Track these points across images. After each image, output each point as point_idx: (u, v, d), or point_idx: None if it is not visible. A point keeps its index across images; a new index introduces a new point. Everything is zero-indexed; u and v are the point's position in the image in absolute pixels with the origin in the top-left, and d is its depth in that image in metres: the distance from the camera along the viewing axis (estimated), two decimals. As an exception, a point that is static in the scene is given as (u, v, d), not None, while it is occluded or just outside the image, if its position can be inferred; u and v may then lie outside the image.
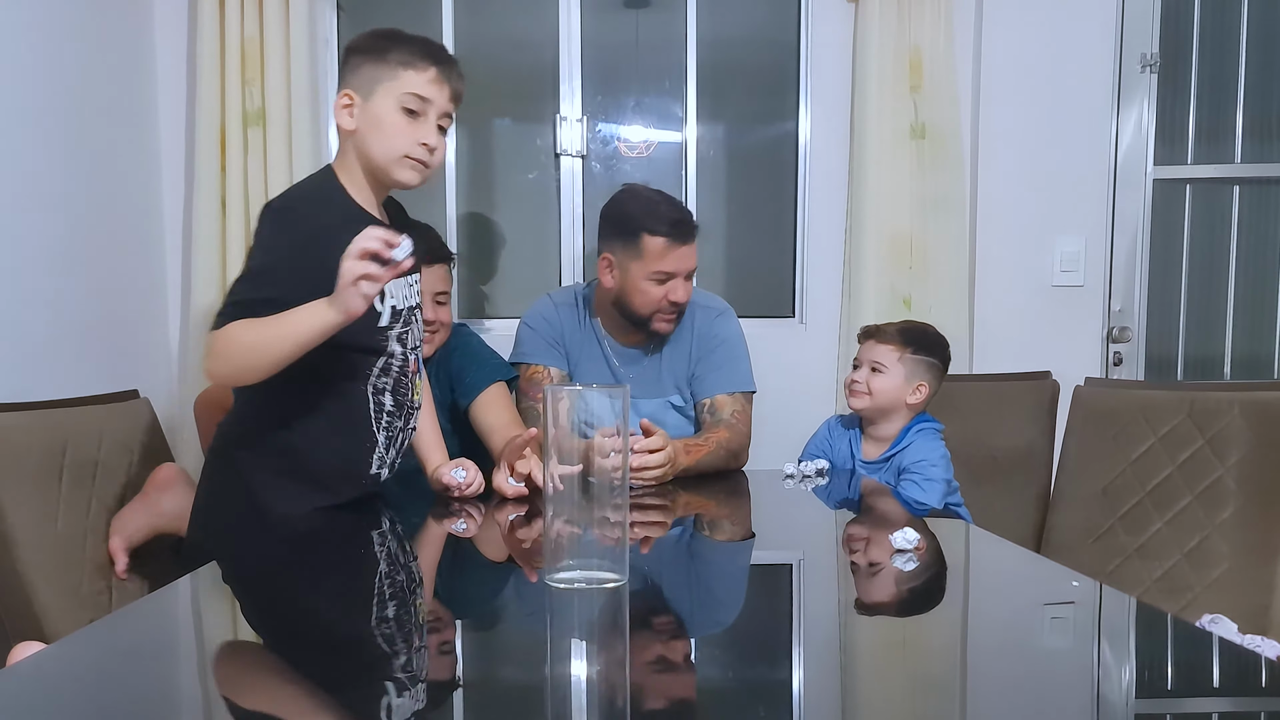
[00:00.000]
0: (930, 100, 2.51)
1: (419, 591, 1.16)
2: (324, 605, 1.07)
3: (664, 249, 1.88)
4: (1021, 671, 0.87)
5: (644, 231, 1.88)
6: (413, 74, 1.43)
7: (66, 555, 1.64)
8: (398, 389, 1.51)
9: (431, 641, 0.96)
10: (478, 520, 1.51)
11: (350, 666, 0.86)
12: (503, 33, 2.70)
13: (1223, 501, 1.96)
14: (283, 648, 0.95)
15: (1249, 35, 2.67)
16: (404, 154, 1.43)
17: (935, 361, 1.96)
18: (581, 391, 1.07)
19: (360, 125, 1.45)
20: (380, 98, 1.43)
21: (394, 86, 1.43)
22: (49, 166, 1.99)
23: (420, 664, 0.88)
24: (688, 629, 1.00)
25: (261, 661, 0.92)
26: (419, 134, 1.44)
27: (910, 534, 1.24)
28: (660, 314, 1.94)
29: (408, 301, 1.52)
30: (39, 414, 1.65)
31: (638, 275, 1.90)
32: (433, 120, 1.45)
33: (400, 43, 1.45)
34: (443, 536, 1.48)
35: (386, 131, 1.43)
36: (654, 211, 1.90)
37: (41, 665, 0.85)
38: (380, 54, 1.44)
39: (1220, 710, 0.82)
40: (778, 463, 1.94)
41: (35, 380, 1.88)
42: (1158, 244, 2.71)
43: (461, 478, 1.57)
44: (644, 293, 1.91)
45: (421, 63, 1.44)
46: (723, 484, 1.85)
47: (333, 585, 1.15)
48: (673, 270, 1.90)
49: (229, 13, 2.35)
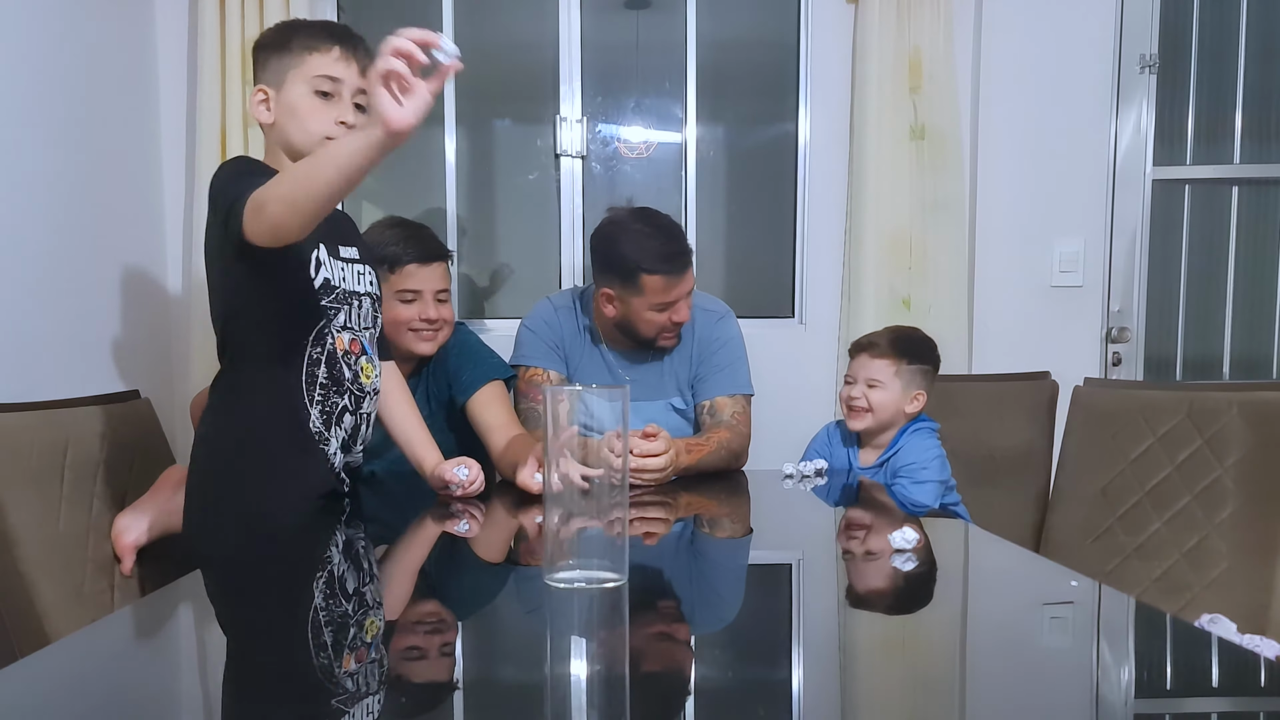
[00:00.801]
0: (930, 101, 2.51)
1: (418, 591, 1.17)
2: (323, 605, 1.07)
3: (664, 285, 1.89)
4: (1020, 671, 0.87)
5: (642, 272, 1.88)
6: (318, 56, 1.45)
7: (68, 555, 1.64)
8: (331, 363, 1.53)
9: (431, 642, 0.96)
10: (480, 520, 1.51)
11: (349, 666, 0.86)
12: (503, 33, 2.70)
13: (1222, 501, 1.96)
14: (282, 648, 0.95)
15: (1248, 36, 2.68)
16: (323, 135, 1.45)
17: (929, 367, 1.96)
18: (581, 392, 1.07)
19: (277, 116, 1.48)
20: (290, 85, 1.46)
21: (302, 71, 1.45)
22: (50, 167, 2.00)
23: (419, 664, 0.88)
24: (687, 629, 1.00)
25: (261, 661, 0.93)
26: (334, 113, 1.46)
27: (909, 533, 1.24)
28: (664, 334, 1.98)
29: (345, 284, 1.55)
30: (40, 414, 1.65)
31: (640, 308, 1.93)
32: (347, 99, 1.48)
33: (301, 29, 1.49)
34: (443, 536, 1.48)
35: (301, 116, 1.46)
36: (648, 249, 1.89)
37: (42, 665, 0.86)
38: (284, 44, 1.47)
39: (1219, 710, 0.82)
40: (777, 463, 1.94)
41: (36, 380, 1.88)
42: (1157, 244, 2.72)
43: (464, 476, 1.58)
44: (648, 321, 1.94)
45: (325, 44, 1.46)
46: (722, 484, 1.85)
47: (328, 585, 1.15)
48: (674, 299, 1.92)
49: (230, 13, 2.35)
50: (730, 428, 1.96)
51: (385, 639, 0.94)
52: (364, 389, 1.59)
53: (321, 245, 1.51)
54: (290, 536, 1.44)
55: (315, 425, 1.53)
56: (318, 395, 1.53)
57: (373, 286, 1.65)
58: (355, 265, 1.60)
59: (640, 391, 2.02)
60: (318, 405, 1.53)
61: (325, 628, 0.98)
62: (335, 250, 1.56)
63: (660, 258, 1.88)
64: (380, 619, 1.01)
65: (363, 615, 1.02)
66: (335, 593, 1.12)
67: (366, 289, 1.62)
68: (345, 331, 1.55)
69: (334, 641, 0.93)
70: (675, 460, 1.74)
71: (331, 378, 1.54)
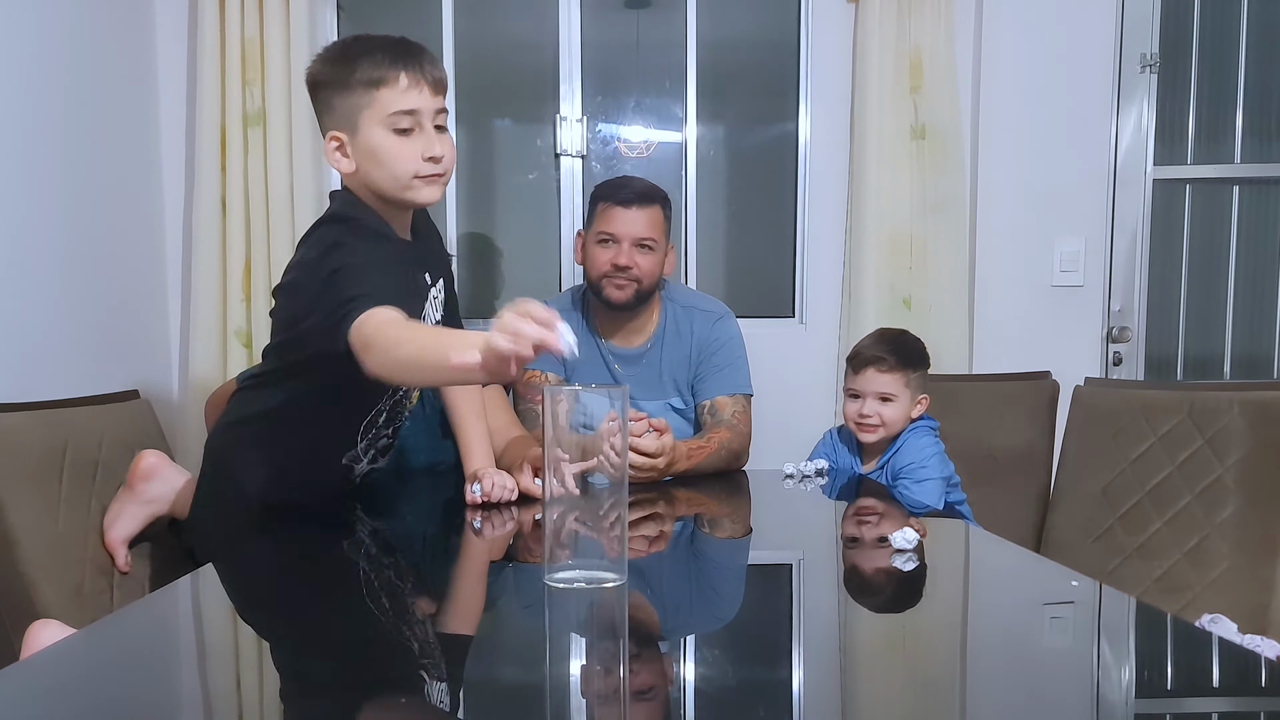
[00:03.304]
0: (930, 101, 2.51)
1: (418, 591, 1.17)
2: (322, 605, 1.07)
3: (606, 210, 1.97)
4: (1021, 671, 0.87)
5: (596, 199, 2.01)
6: (387, 91, 1.32)
7: (67, 554, 1.64)
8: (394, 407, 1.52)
9: (430, 642, 0.96)
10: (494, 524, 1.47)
11: (348, 666, 0.86)
12: (503, 33, 2.70)
13: (1222, 501, 1.96)
14: (281, 648, 0.95)
15: (1249, 35, 2.67)
16: (412, 175, 1.35)
17: (926, 369, 1.96)
18: (579, 392, 1.07)
19: (358, 163, 1.37)
20: (365, 128, 1.34)
21: (375, 112, 1.33)
22: (50, 167, 1.99)
23: (419, 664, 0.88)
24: (687, 628, 1.00)
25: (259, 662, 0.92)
26: (419, 148, 1.34)
27: (910, 534, 1.24)
28: (608, 278, 1.96)
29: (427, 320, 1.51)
30: (40, 414, 1.65)
31: (591, 242, 1.99)
32: (429, 128, 1.36)
33: (360, 58, 1.34)
34: (447, 536, 1.48)
35: (386, 160, 1.35)
36: (611, 181, 2.05)
37: (44, 664, 0.86)
38: (345, 81, 1.34)
39: (1220, 710, 0.82)
40: (778, 463, 1.94)
41: (36, 380, 1.88)
42: (1157, 244, 2.71)
43: (477, 492, 1.52)
44: (593, 258, 1.98)
45: (389, 73, 1.32)
46: (723, 483, 1.85)
47: (332, 585, 1.15)
48: (614, 231, 1.95)
49: (229, 13, 2.35)
50: (731, 427, 1.95)
51: (385, 639, 0.94)
52: (405, 413, 1.58)
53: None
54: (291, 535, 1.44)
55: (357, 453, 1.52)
56: (370, 434, 1.52)
57: (438, 309, 1.55)
58: (430, 290, 1.49)
59: (639, 391, 2.02)
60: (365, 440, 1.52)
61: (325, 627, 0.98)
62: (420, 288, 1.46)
63: (611, 187, 2.00)
64: (380, 618, 1.01)
65: (362, 615, 1.02)
66: (335, 592, 1.12)
67: (435, 317, 1.53)
68: None
69: (334, 641, 0.93)
70: (672, 459, 1.73)
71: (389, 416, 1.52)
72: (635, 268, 1.94)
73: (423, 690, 0.82)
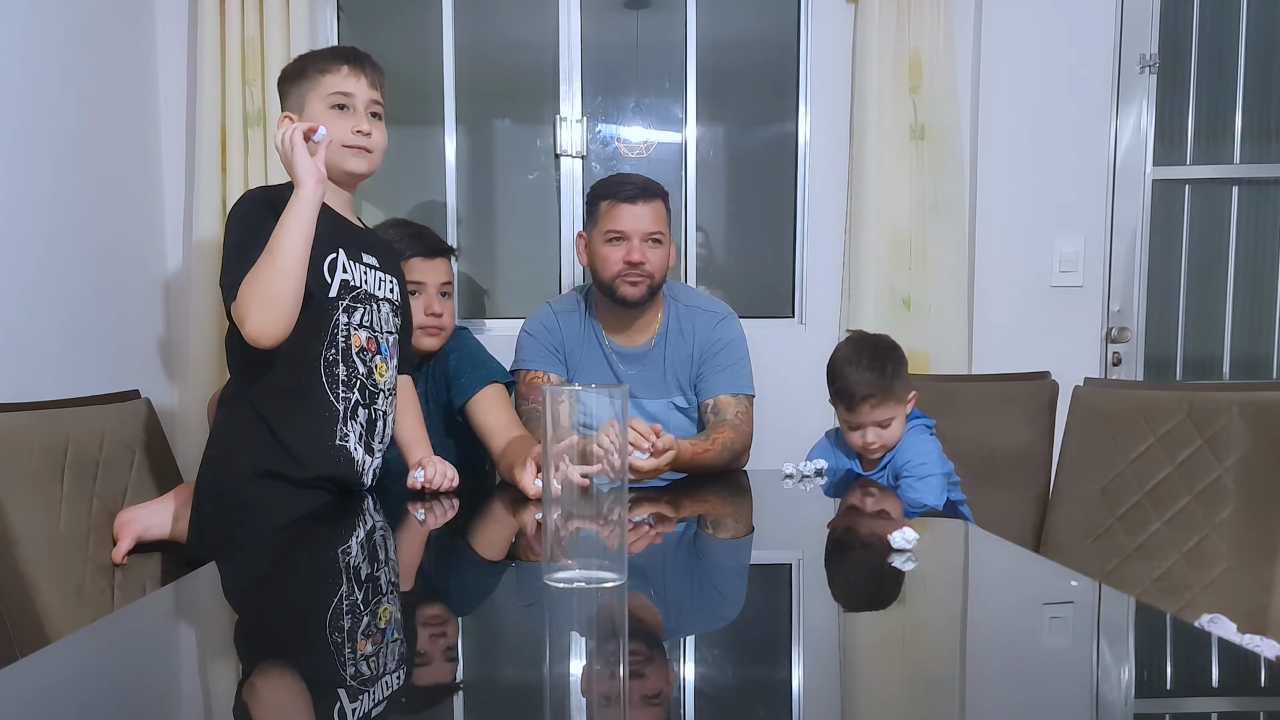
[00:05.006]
0: (930, 101, 2.51)
1: (417, 591, 1.17)
2: (321, 605, 1.07)
3: (611, 208, 1.96)
4: (1021, 671, 0.87)
5: (598, 199, 2.00)
6: (330, 76, 1.61)
7: (68, 554, 1.64)
8: (347, 360, 1.59)
9: (430, 642, 0.96)
10: (437, 514, 1.56)
11: (348, 666, 0.86)
12: (503, 33, 2.70)
13: (1222, 501, 1.96)
14: (279, 648, 0.95)
15: (1248, 36, 2.68)
16: (342, 143, 1.60)
17: (906, 368, 1.94)
18: (580, 391, 1.07)
19: None
20: (309, 106, 1.62)
21: (318, 92, 1.61)
22: (50, 167, 2.00)
23: (419, 664, 0.88)
24: (687, 628, 1.00)
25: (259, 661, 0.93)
26: (351, 123, 1.61)
27: (909, 534, 1.24)
28: (621, 277, 1.96)
29: (365, 286, 1.64)
30: (40, 414, 1.66)
31: (598, 242, 1.98)
32: (361, 110, 1.62)
33: (314, 57, 1.66)
34: (441, 536, 1.48)
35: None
36: (609, 180, 2.03)
37: (42, 665, 0.86)
38: (299, 72, 1.64)
39: (1219, 710, 0.82)
40: (778, 462, 1.94)
41: (36, 380, 1.88)
42: (1157, 244, 2.72)
43: (420, 478, 1.65)
44: (604, 258, 1.97)
45: (334, 64, 1.62)
46: (723, 483, 1.85)
47: (329, 585, 1.15)
48: (623, 229, 1.95)
49: (229, 13, 2.35)
50: (734, 427, 1.96)
51: (385, 638, 0.94)
52: (378, 385, 1.65)
53: (341, 250, 1.60)
54: (289, 533, 1.44)
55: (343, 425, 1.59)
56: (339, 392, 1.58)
57: (394, 294, 1.72)
58: (377, 272, 1.68)
59: (642, 390, 2.03)
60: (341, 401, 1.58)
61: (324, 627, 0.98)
62: (357, 255, 1.64)
63: (613, 185, 2.00)
64: (379, 619, 1.01)
65: (362, 615, 1.02)
66: (335, 592, 1.12)
67: (386, 295, 1.69)
68: (362, 329, 1.61)
69: (333, 641, 0.93)
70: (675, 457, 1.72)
71: (349, 374, 1.59)
72: (647, 262, 1.95)
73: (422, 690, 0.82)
